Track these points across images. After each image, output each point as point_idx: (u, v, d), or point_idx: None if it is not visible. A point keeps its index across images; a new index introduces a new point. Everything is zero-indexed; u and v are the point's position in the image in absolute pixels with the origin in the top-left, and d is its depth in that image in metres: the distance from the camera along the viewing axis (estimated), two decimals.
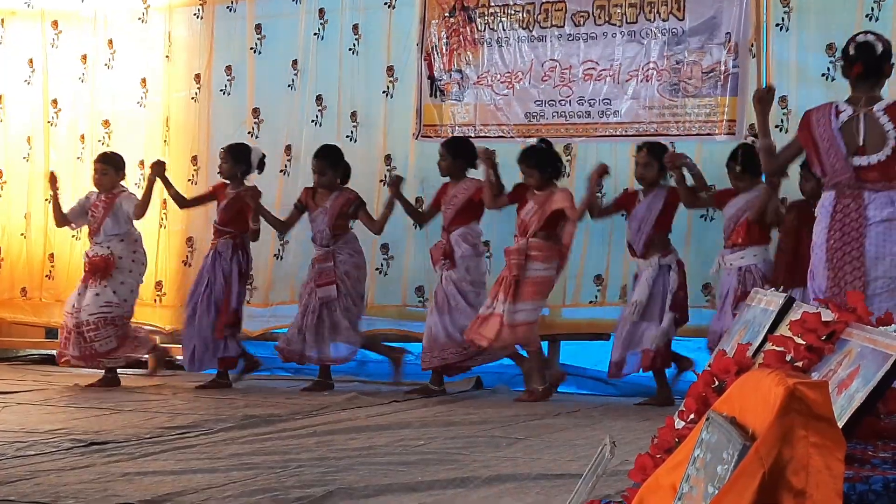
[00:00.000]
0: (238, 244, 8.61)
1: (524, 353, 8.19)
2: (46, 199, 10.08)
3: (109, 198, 8.66)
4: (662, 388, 7.78)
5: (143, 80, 9.94)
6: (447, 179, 8.45)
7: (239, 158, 8.65)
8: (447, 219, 8.34)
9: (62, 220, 8.91)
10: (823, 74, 7.86)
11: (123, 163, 8.83)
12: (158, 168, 8.75)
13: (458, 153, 8.37)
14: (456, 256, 8.26)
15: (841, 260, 5.86)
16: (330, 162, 8.49)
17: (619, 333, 7.84)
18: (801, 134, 6.10)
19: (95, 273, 8.53)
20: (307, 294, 8.48)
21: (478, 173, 8.36)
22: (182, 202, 8.99)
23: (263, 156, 8.79)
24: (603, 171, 8.04)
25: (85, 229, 9.02)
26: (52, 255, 10.20)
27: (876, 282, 5.80)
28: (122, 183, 8.81)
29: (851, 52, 5.96)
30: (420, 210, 8.72)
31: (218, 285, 8.52)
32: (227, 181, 8.71)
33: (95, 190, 8.81)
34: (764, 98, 6.52)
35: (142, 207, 8.68)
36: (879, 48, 5.92)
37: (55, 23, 10.25)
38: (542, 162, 8.04)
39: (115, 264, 8.57)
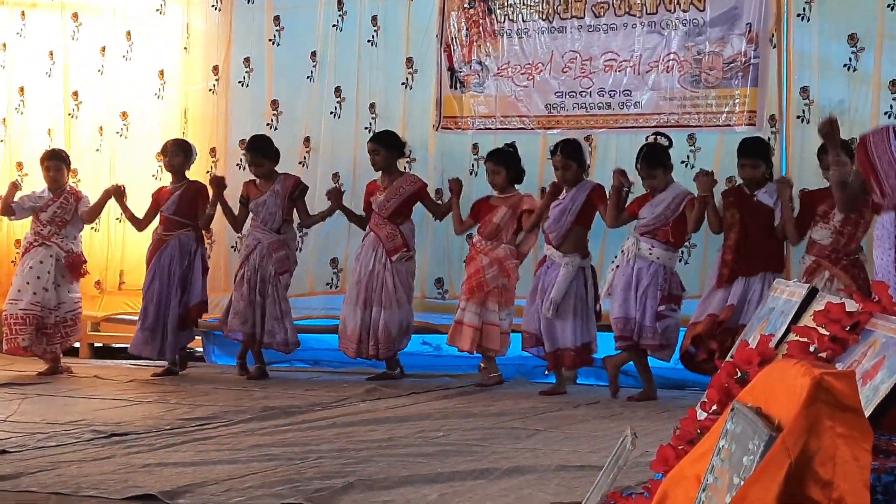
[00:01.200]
0: (199, 236, 8.74)
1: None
2: None
3: (73, 195, 8.77)
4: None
5: (161, 72, 9.95)
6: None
7: (189, 154, 8.77)
8: (389, 208, 8.41)
9: (6, 210, 8.91)
10: (845, 65, 7.81)
11: (69, 159, 8.98)
12: (116, 192, 8.82)
13: (392, 145, 8.49)
14: (411, 249, 8.50)
15: None
16: (263, 153, 8.57)
17: (537, 328, 7.81)
18: (859, 158, 5.96)
19: (74, 272, 8.70)
20: (253, 278, 8.52)
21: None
22: (139, 224, 8.95)
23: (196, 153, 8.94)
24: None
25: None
26: None
27: None
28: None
29: None
30: (360, 215, 8.72)
31: (194, 285, 8.59)
32: (171, 176, 8.78)
33: (44, 187, 8.85)
34: (827, 130, 6.29)
35: (91, 215, 8.85)
36: None
37: (75, 15, 10.26)
38: (510, 162, 8.11)
39: (84, 265, 8.85)
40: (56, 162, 8.80)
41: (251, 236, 8.68)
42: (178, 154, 8.72)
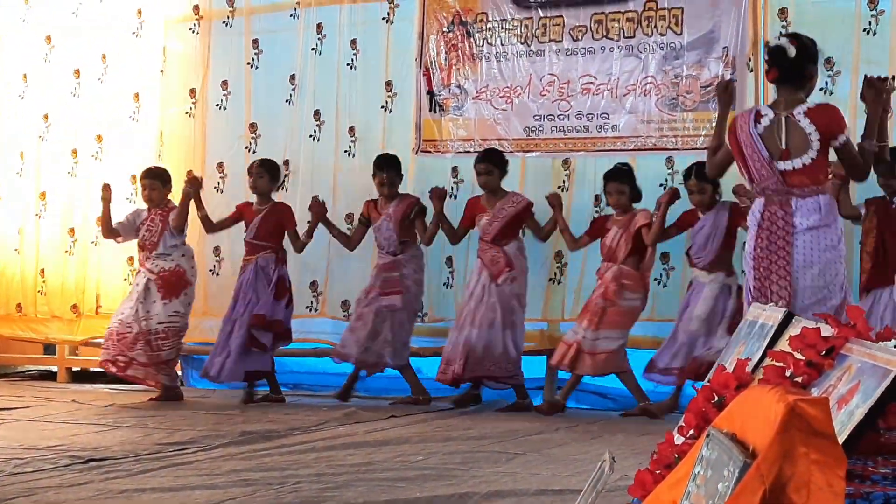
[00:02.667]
0: (280, 258, 8.59)
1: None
2: (37, 215, 10.14)
3: (164, 212, 8.65)
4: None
5: (136, 95, 9.93)
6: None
7: (275, 175, 8.68)
8: (492, 232, 8.25)
9: (110, 232, 8.86)
10: (821, 88, 7.83)
11: (170, 176, 8.82)
12: (193, 185, 8.66)
13: (504, 164, 8.36)
14: (516, 269, 8.25)
15: (767, 269, 5.68)
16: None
17: (676, 340, 7.75)
18: (730, 139, 5.93)
19: (169, 289, 8.53)
20: (366, 300, 8.47)
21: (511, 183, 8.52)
22: (210, 227, 8.86)
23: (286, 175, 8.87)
24: (673, 195, 7.86)
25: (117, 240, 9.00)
26: (42, 271, 10.16)
27: (804, 292, 5.61)
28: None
29: (766, 57, 5.87)
30: (454, 228, 8.60)
31: (262, 299, 8.44)
32: (257, 197, 8.67)
33: (143, 206, 8.79)
34: (722, 95, 6.32)
35: (177, 220, 8.59)
36: (792, 51, 5.71)
37: (48, 37, 10.25)
38: (633, 181, 8.04)
39: (186, 279, 8.64)
40: (151, 181, 8.68)
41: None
42: (262, 175, 8.60)
